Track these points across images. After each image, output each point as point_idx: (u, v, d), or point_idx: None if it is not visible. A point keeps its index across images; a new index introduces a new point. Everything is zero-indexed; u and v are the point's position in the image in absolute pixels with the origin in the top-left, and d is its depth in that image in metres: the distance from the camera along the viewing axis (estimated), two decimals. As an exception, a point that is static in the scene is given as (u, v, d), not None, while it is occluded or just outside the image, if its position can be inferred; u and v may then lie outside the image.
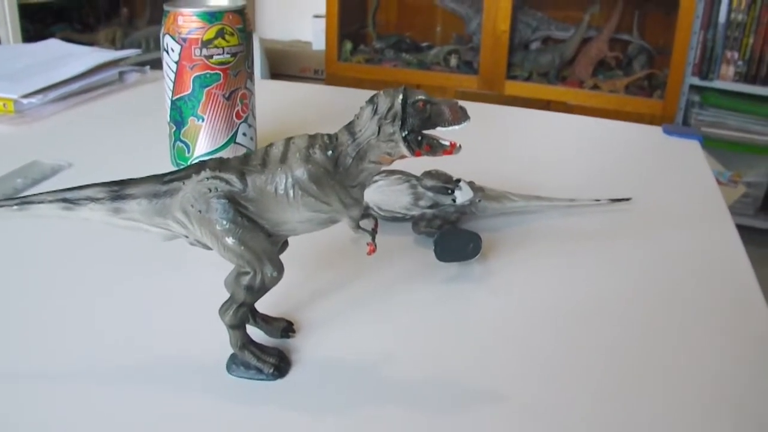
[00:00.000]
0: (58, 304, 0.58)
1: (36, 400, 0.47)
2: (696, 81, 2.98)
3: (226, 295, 0.49)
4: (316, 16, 4.08)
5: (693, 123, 3.02)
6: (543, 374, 0.52)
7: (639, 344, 0.56)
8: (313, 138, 0.48)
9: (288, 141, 0.48)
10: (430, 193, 0.69)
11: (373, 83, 3.36)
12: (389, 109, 0.46)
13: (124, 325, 0.56)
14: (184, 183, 0.47)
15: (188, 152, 0.83)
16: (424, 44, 3.73)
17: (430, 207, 0.70)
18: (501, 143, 1.03)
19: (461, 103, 0.49)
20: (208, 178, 0.47)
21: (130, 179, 0.48)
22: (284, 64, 4.17)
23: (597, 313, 0.60)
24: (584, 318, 0.59)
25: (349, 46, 3.70)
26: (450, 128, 0.47)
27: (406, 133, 0.46)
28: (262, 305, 0.54)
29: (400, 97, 0.46)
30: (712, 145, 2.80)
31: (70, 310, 0.57)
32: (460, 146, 0.48)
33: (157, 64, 1.25)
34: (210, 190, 0.46)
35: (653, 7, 3.24)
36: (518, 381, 0.51)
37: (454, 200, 0.69)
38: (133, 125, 1.05)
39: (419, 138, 0.47)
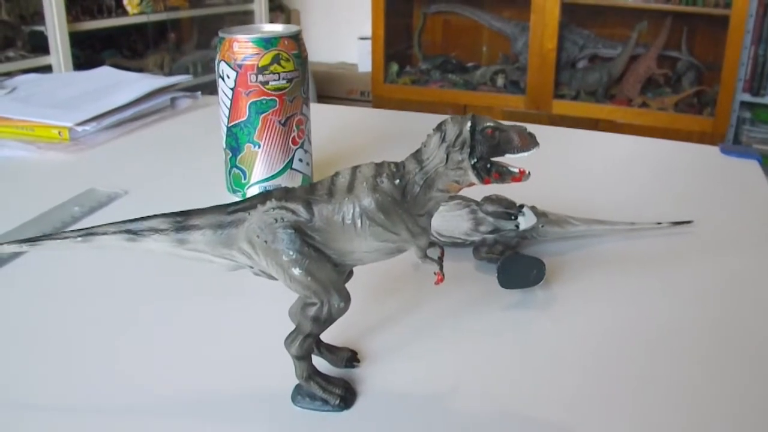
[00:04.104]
0: (120, 334, 0.58)
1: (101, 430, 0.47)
2: (747, 97, 2.94)
3: (290, 326, 0.49)
4: (362, 38, 4.10)
5: (744, 140, 2.97)
6: (608, 404, 0.50)
7: (705, 374, 0.54)
8: (380, 166, 0.47)
9: (354, 170, 0.47)
10: (490, 219, 0.68)
11: (420, 104, 3.36)
12: (457, 137, 0.45)
13: (187, 356, 0.55)
14: (249, 213, 0.47)
15: (245, 179, 0.83)
16: (470, 64, 3.73)
17: (491, 232, 0.69)
18: (554, 165, 1.02)
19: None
20: (274, 209, 0.46)
21: (194, 210, 0.48)
22: (331, 87, 4.19)
23: (664, 341, 0.58)
24: (651, 347, 0.57)
25: (395, 67, 3.72)
26: (519, 155, 0.46)
27: (475, 160, 0.46)
28: (326, 334, 0.53)
29: (469, 124, 0.45)
30: (764, 162, 2.76)
31: (132, 341, 0.57)
32: (529, 173, 0.47)
33: (206, 89, 1.26)
34: (276, 221, 0.46)
35: (702, 23, 3.21)
36: (582, 411, 0.49)
37: (517, 226, 0.68)
38: (187, 151, 1.05)
39: (488, 165, 0.46)
